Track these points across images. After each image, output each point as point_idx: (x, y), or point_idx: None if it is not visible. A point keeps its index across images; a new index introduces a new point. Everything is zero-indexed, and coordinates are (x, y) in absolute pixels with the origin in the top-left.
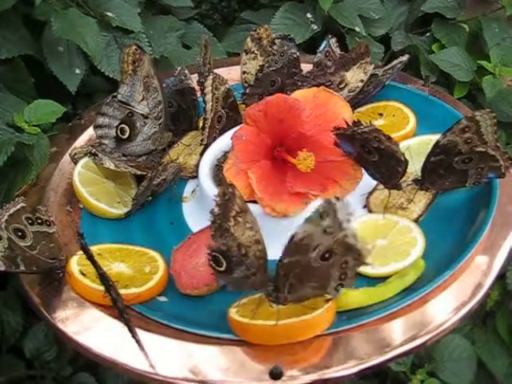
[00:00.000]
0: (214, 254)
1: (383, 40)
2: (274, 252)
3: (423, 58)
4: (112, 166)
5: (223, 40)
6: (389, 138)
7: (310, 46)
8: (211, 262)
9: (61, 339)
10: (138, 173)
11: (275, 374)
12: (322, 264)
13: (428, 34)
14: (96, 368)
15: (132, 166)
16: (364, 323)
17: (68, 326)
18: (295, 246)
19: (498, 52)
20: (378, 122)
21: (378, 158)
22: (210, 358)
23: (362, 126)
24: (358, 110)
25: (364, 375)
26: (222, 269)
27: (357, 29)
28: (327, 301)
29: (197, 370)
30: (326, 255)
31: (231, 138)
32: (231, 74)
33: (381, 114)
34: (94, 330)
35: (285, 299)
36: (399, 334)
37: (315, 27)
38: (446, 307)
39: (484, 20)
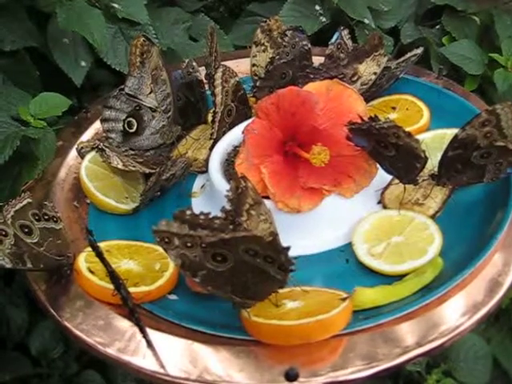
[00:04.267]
0: None
1: (392, 32)
2: None
3: (433, 50)
4: (120, 165)
5: (230, 33)
6: (409, 135)
7: (318, 39)
8: None
9: (67, 337)
10: (147, 171)
11: (291, 376)
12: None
13: (438, 27)
14: (103, 365)
15: (140, 163)
16: (381, 323)
17: (75, 324)
18: None
19: (510, 45)
20: (391, 116)
21: (394, 153)
22: (223, 359)
23: (380, 122)
24: (371, 103)
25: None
26: None
27: (366, 21)
28: (343, 300)
29: (209, 371)
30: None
31: (243, 132)
32: (239, 67)
33: (394, 108)
34: (101, 329)
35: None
36: (417, 335)
37: (324, 19)
38: (464, 307)
39: (496, 12)
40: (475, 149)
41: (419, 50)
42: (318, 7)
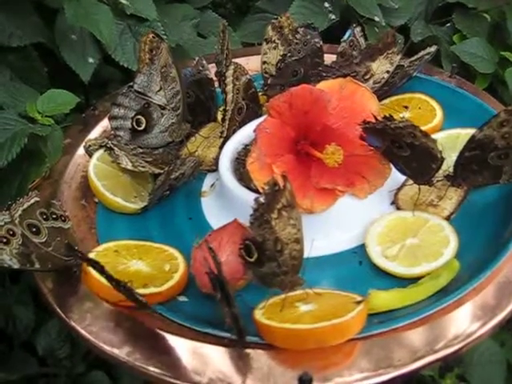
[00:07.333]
0: (247, 242)
1: (402, 30)
2: None
3: (444, 48)
4: (129, 166)
5: (238, 30)
6: (426, 135)
7: (327, 36)
8: (242, 251)
9: (75, 337)
10: (156, 171)
11: (305, 381)
12: None
13: (449, 25)
14: (110, 365)
15: (149, 162)
16: (396, 327)
17: (83, 325)
18: None
19: None
20: (404, 115)
21: (409, 153)
22: (234, 363)
23: (395, 122)
24: (383, 102)
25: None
26: (252, 260)
27: (376, 18)
28: (358, 303)
29: (220, 375)
30: None
31: (254, 131)
32: (249, 65)
33: (406, 107)
34: (110, 331)
35: None
36: (432, 340)
37: (333, 17)
38: (480, 312)
39: (508, 9)
40: (492, 149)
41: (433, 49)
42: (327, 4)
